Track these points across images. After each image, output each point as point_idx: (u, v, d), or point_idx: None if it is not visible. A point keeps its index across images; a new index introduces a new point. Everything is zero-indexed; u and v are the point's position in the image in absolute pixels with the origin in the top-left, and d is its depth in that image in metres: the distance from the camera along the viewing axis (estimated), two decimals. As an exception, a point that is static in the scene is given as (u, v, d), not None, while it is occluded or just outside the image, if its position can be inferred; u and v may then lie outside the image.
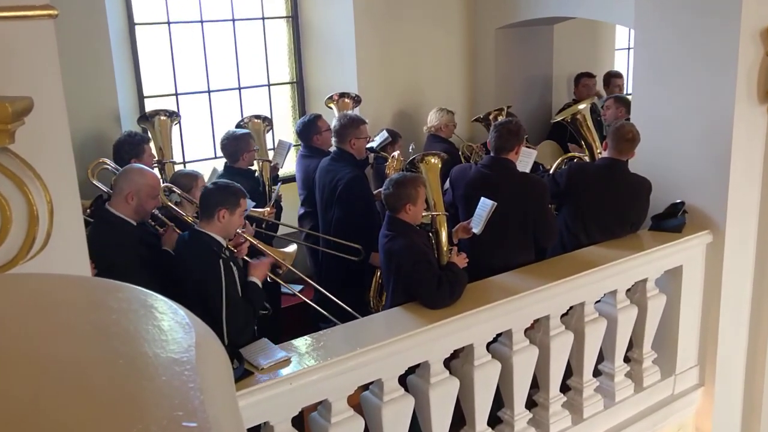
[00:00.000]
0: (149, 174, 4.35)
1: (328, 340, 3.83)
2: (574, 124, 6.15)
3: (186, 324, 0.92)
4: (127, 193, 4.19)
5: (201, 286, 3.89)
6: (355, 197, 5.36)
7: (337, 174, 5.44)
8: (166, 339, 0.87)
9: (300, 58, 7.29)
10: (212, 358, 0.91)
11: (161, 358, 0.84)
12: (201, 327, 0.95)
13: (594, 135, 6.15)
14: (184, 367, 0.83)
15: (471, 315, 4.10)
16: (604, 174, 5.17)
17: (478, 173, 4.99)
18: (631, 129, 5.16)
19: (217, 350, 0.96)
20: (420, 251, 4.27)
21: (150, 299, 0.98)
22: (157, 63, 6.52)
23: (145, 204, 4.24)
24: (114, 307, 0.95)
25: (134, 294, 0.99)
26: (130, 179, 4.24)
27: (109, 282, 1.07)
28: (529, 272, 4.67)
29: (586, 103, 6.37)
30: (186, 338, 0.89)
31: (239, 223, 4.17)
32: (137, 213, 4.25)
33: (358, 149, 5.54)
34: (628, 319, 5.02)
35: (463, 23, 7.73)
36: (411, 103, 7.47)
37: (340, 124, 5.52)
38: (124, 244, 4.13)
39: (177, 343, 0.87)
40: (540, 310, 4.51)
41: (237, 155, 5.57)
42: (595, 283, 4.75)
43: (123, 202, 4.20)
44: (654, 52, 5.44)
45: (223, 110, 6.97)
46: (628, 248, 5.01)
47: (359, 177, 5.45)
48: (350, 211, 5.37)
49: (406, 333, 3.87)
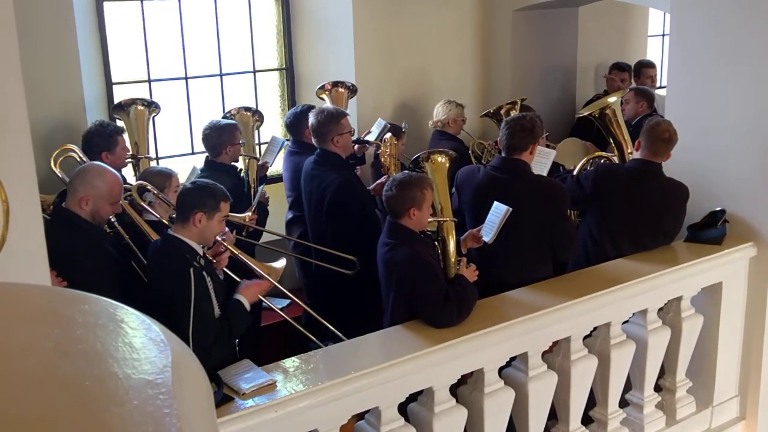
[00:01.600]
0: (110, 176, 4.32)
1: (318, 361, 3.83)
2: (603, 119, 6.15)
3: (161, 341, 0.92)
4: (82, 197, 4.17)
5: (169, 297, 3.89)
6: (347, 206, 5.34)
7: (324, 180, 5.42)
8: (138, 358, 0.87)
9: (290, 42, 7.30)
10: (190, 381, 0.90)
11: (133, 379, 0.84)
12: (178, 345, 0.95)
13: (625, 133, 6.15)
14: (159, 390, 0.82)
15: (481, 336, 4.09)
16: (636, 178, 5.17)
17: (488, 176, 4.99)
18: (668, 127, 5.15)
19: (196, 371, 0.96)
20: (424, 262, 4.27)
21: (120, 312, 0.98)
22: (127, 44, 6.52)
23: (101, 210, 4.22)
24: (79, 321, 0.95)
25: (102, 306, 0.99)
26: (86, 181, 4.22)
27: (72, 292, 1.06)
28: (548, 288, 4.67)
29: (616, 95, 6.37)
30: (161, 357, 0.88)
31: (219, 229, 4.16)
32: (92, 219, 4.23)
33: (342, 146, 5.51)
34: (659, 343, 5.01)
35: (476, 4, 7.74)
36: (415, 94, 7.48)
37: (318, 121, 5.44)
38: (89, 249, 4.12)
39: (151, 363, 0.87)
40: (560, 331, 4.51)
41: (220, 148, 5.58)
42: (622, 300, 4.75)
43: (76, 205, 4.18)
44: (692, 40, 5.44)
45: (202, 100, 6.98)
46: (660, 262, 5.01)
47: (348, 182, 5.43)
48: (344, 222, 5.35)
49: (407, 355, 3.86)
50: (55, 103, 5.78)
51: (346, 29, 7.01)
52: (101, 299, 1.00)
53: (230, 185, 5.35)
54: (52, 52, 5.74)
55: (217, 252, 4.37)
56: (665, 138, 5.12)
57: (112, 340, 0.92)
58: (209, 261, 4.18)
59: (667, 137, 5.12)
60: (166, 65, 6.77)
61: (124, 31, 6.49)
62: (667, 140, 5.13)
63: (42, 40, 5.61)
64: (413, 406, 4.11)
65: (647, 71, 8.22)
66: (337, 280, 5.27)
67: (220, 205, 4.08)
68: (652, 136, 5.14)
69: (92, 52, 6.26)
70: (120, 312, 0.97)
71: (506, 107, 6.97)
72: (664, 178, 5.20)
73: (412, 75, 7.43)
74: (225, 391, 3.52)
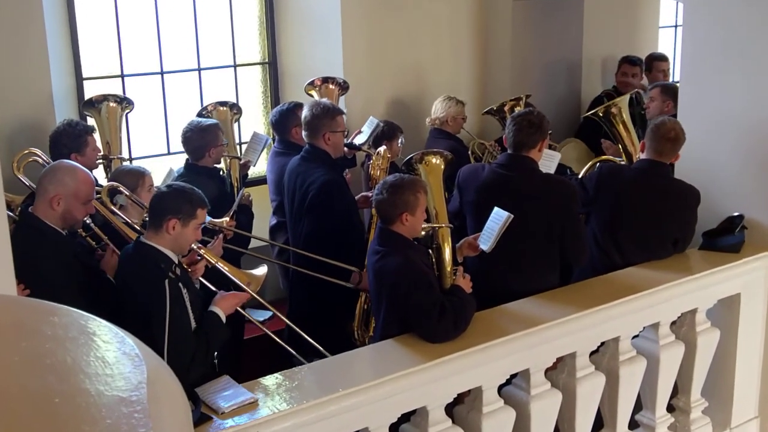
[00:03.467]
0: (81, 174, 4.32)
1: (303, 378, 3.83)
2: (608, 120, 6.17)
3: (135, 356, 0.93)
4: (53, 196, 4.17)
5: (143, 309, 3.89)
6: (330, 206, 5.33)
7: (308, 177, 5.41)
8: (111, 374, 0.88)
9: (273, 34, 7.31)
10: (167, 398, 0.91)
11: (106, 396, 0.84)
12: (154, 360, 0.96)
13: (632, 134, 6.16)
14: (134, 408, 0.83)
15: (480, 351, 4.10)
16: (642, 179, 5.20)
17: (493, 174, 5.00)
18: (674, 126, 5.18)
19: (173, 388, 0.97)
20: (418, 272, 4.28)
21: (91, 325, 0.98)
22: (99, 37, 6.52)
23: (74, 210, 4.22)
24: (48, 334, 0.96)
25: (72, 318, 1.00)
26: (57, 179, 4.22)
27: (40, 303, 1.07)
28: (552, 299, 4.68)
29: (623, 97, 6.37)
30: (135, 373, 0.89)
31: (194, 237, 4.16)
32: (64, 221, 4.23)
33: (333, 145, 5.51)
34: (672, 359, 5.02)
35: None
36: (408, 90, 7.49)
37: (312, 114, 5.46)
38: (56, 257, 4.12)
39: (125, 379, 0.87)
40: (564, 346, 4.52)
41: (203, 151, 5.58)
42: (632, 313, 4.76)
43: (47, 206, 4.17)
44: (707, 32, 5.46)
45: (179, 96, 6.98)
46: (673, 271, 5.03)
47: (334, 181, 5.43)
48: (323, 224, 5.34)
49: (399, 372, 3.87)
50: (20, 100, 5.77)
51: (333, 20, 7.02)
52: (72, 310, 1.00)
53: (216, 190, 5.37)
54: (17, 45, 5.73)
55: (193, 260, 4.36)
56: (671, 137, 5.14)
57: (83, 354, 0.93)
58: (185, 270, 4.18)
59: (673, 136, 5.15)
60: (140, 59, 6.77)
61: (95, 22, 6.49)
62: (673, 139, 5.15)
63: (6, 32, 5.61)
64: (406, 427, 4.11)
65: (659, 65, 8.22)
66: (321, 291, 5.27)
67: (196, 211, 4.08)
68: (656, 136, 5.16)
69: (61, 44, 6.26)
70: (92, 324, 0.98)
71: (510, 104, 6.99)
72: (673, 180, 5.23)
73: (404, 70, 7.44)
74: (203, 409, 3.52)
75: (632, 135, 6.18)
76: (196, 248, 4.36)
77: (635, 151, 6.08)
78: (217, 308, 4.11)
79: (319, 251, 5.25)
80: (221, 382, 3.76)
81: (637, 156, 5.93)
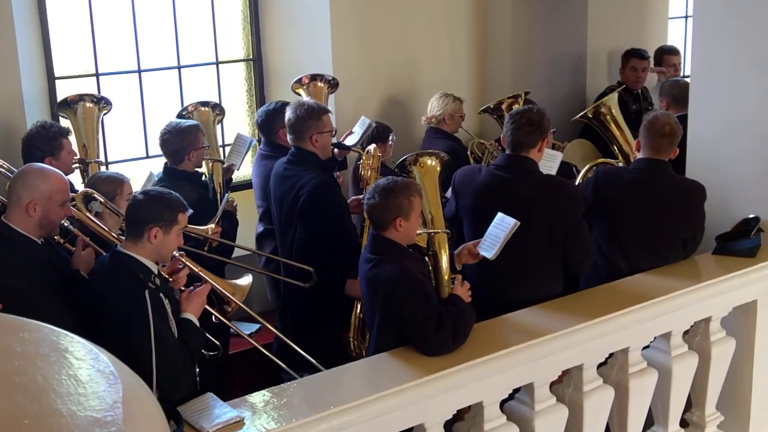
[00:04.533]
0: (53, 175, 4.32)
1: (292, 395, 3.82)
2: (599, 120, 6.17)
3: (110, 373, 0.93)
4: (28, 203, 4.16)
5: (123, 324, 3.88)
6: (323, 210, 5.33)
7: (298, 181, 5.40)
8: (84, 393, 0.88)
9: (258, 29, 7.32)
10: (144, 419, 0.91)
11: (78, 417, 0.85)
12: (129, 378, 0.96)
13: (627, 134, 6.17)
14: (109, 429, 0.83)
15: (480, 364, 4.10)
16: (641, 180, 5.21)
17: (491, 177, 5.01)
18: (668, 120, 5.21)
19: (151, 408, 0.97)
20: (414, 280, 4.28)
21: (63, 341, 0.98)
22: (72, 33, 6.52)
23: (51, 214, 4.22)
24: (17, 351, 0.96)
25: (43, 334, 1.00)
26: (28, 184, 4.22)
27: (9, 318, 1.07)
28: (556, 308, 4.68)
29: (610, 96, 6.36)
30: (110, 392, 0.89)
31: (176, 243, 4.17)
32: (42, 227, 4.23)
33: (321, 147, 5.50)
34: (685, 371, 5.03)
35: (472, -16, 7.79)
36: (402, 88, 7.50)
37: (296, 115, 5.43)
38: (27, 268, 4.11)
39: (99, 399, 0.87)
40: (571, 359, 4.52)
41: (182, 154, 5.58)
42: (642, 322, 4.76)
43: (23, 214, 4.17)
44: (719, 22, 5.47)
45: (158, 96, 6.98)
46: (685, 277, 5.04)
47: (326, 183, 5.42)
48: (317, 230, 5.34)
49: (394, 387, 3.86)
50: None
51: (322, 13, 7.03)
52: (42, 326, 1.00)
53: (196, 196, 5.36)
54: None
55: (174, 269, 4.36)
56: (665, 132, 5.16)
57: (54, 372, 0.93)
58: (165, 280, 4.18)
59: (669, 131, 5.17)
60: (116, 57, 6.77)
61: (68, 17, 6.49)
62: (669, 134, 5.17)
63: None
64: (403, 446, 4.12)
65: (670, 58, 8.24)
66: (312, 301, 5.28)
67: (177, 216, 4.09)
68: (651, 132, 5.19)
69: (32, 41, 6.26)
70: (64, 340, 0.98)
71: (508, 102, 7.00)
72: (674, 177, 5.24)
73: (398, 66, 7.45)
74: (185, 429, 3.52)
75: (626, 134, 6.19)
76: (178, 256, 4.37)
77: (631, 150, 6.09)
78: (187, 314, 4.12)
79: (313, 258, 5.25)
80: (205, 399, 3.76)
81: (633, 156, 5.94)
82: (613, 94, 6.34)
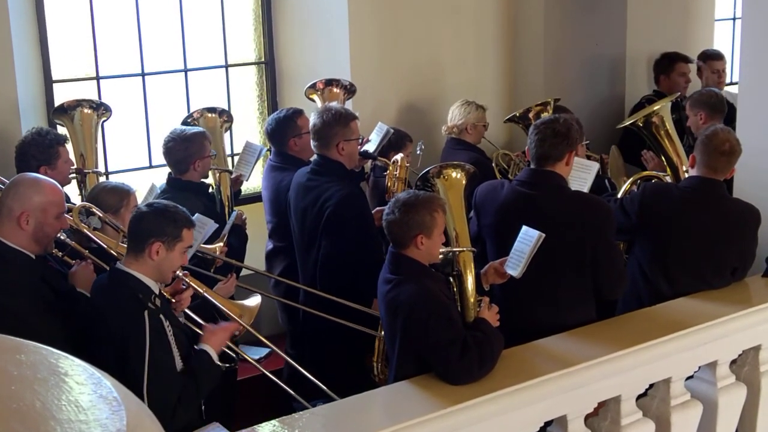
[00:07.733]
0: (47, 186, 4.34)
1: (305, 426, 3.82)
2: (649, 130, 6.15)
3: (113, 399, 0.93)
4: (20, 215, 4.18)
5: (120, 345, 3.89)
6: (351, 224, 5.32)
7: (323, 193, 5.39)
8: (86, 420, 0.88)
9: (270, 30, 7.35)
10: (149, 448, 0.92)
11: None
12: (134, 404, 0.96)
13: (678, 147, 6.14)
14: (111, 459, 0.84)
15: (508, 394, 4.09)
16: (692, 199, 5.18)
17: (514, 193, 4.98)
18: (728, 137, 5.16)
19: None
20: (437, 303, 4.27)
21: (63, 364, 0.98)
22: (71, 34, 6.56)
23: (46, 227, 4.24)
24: (14, 375, 0.96)
25: (41, 356, 1.00)
26: (20, 195, 4.24)
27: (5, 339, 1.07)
28: (593, 334, 4.67)
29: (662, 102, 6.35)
30: (114, 419, 0.89)
31: (180, 261, 4.17)
32: (37, 241, 4.25)
33: (348, 155, 5.50)
34: (733, 403, 5.00)
35: (501, -17, 7.81)
36: (423, 94, 7.52)
37: (322, 121, 5.45)
38: (19, 284, 4.13)
39: (101, 427, 0.88)
40: (607, 390, 4.50)
41: (187, 163, 5.60)
42: (685, 351, 4.74)
43: (15, 227, 4.19)
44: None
45: (163, 101, 7.02)
46: (732, 302, 5.01)
47: (354, 195, 5.42)
48: (344, 245, 5.32)
49: (416, 418, 3.85)
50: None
51: (339, 14, 7.05)
52: (41, 347, 1.01)
53: (202, 208, 5.35)
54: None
55: (177, 290, 4.37)
56: (724, 150, 5.12)
57: (54, 397, 0.93)
58: (167, 301, 4.19)
59: (728, 149, 5.12)
60: (118, 59, 6.81)
61: (67, 17, 6.53)
62: (728, 152, 5.13)
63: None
64: (424, 483, 4.11)
65: (714, 64, 8.22)
66: (329, 328, 5.26)
67: (182, 232, 4.09)
68: (708, 149, 5.14)
69: (28, 44, 6.29)
70: (63, 363, 0.98)
71: (536, 110, 6.99)
72: (728, 199, 5.22)
73: (420, 70, 7.46)
74: (190, 463, 3.53)
75: (677, 146, 6.14)
76: (181, 275, 4.37)
77: (681, 164, 6.04)
78: (206, 345, 4.11)
79: (338, 276, 5.24)
80: (211, 429, 3.76)
81: (683, 170, 5.90)
82: (666, 103, 6.30)
